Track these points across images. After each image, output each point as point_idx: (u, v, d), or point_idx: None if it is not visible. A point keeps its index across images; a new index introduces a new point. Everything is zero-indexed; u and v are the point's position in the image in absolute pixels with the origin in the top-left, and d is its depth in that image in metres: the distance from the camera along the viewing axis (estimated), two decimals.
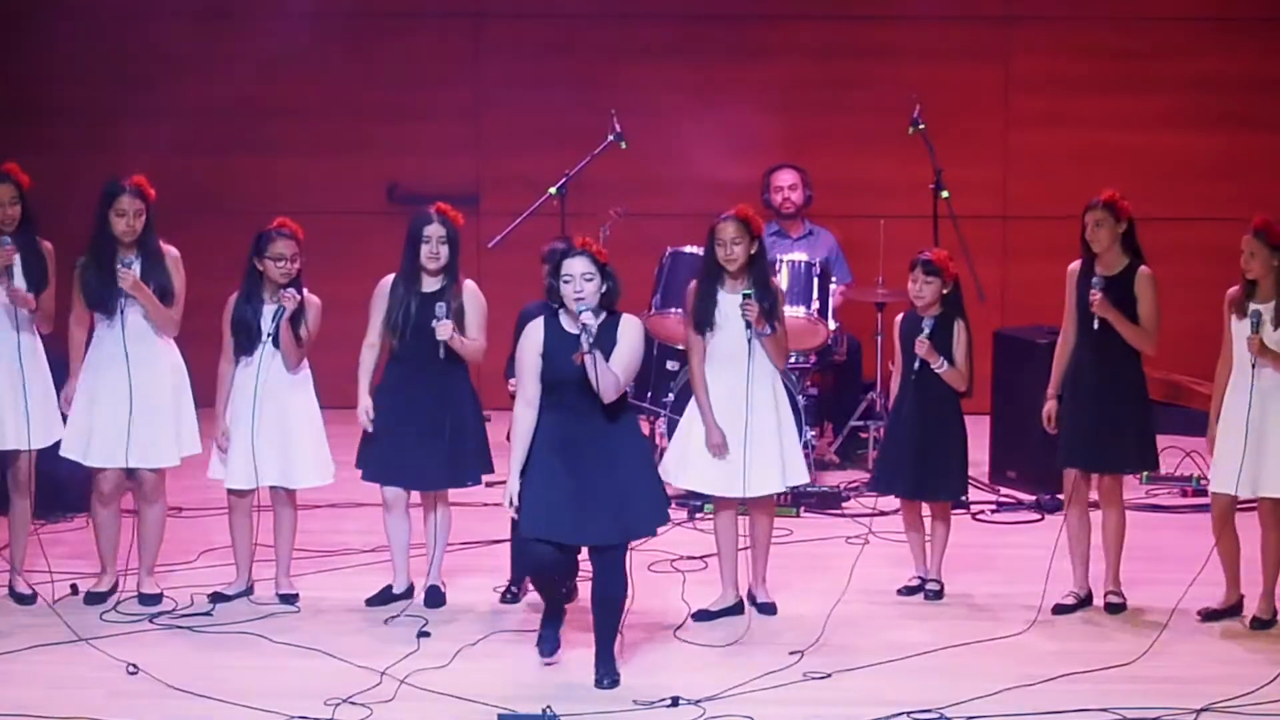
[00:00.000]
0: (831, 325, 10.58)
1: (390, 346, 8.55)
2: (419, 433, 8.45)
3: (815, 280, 10.45)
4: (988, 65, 12.35)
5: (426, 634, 8.27)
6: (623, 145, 11.10)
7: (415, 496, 8.68)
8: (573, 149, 11.22)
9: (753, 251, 8.37)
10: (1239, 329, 8.22)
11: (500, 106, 12.46)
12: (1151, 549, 8.75)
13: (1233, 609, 8.41)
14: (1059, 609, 8.49)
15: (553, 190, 10.93)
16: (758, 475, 8.38)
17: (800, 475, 8.63)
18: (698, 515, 9.93)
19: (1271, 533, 8.29)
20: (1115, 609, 8.54)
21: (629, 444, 7.69)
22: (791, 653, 8.00)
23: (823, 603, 8.64)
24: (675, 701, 7.48)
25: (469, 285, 8.54)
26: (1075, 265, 8.43)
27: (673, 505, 10.09)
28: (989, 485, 10.61)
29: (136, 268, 8.41)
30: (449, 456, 8.45)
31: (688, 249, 10.50)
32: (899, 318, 8.81)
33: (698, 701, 7.47)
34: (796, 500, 10.17)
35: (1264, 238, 8.13)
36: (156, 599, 8.63)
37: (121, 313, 8.41)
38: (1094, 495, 8.63)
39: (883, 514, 9.86)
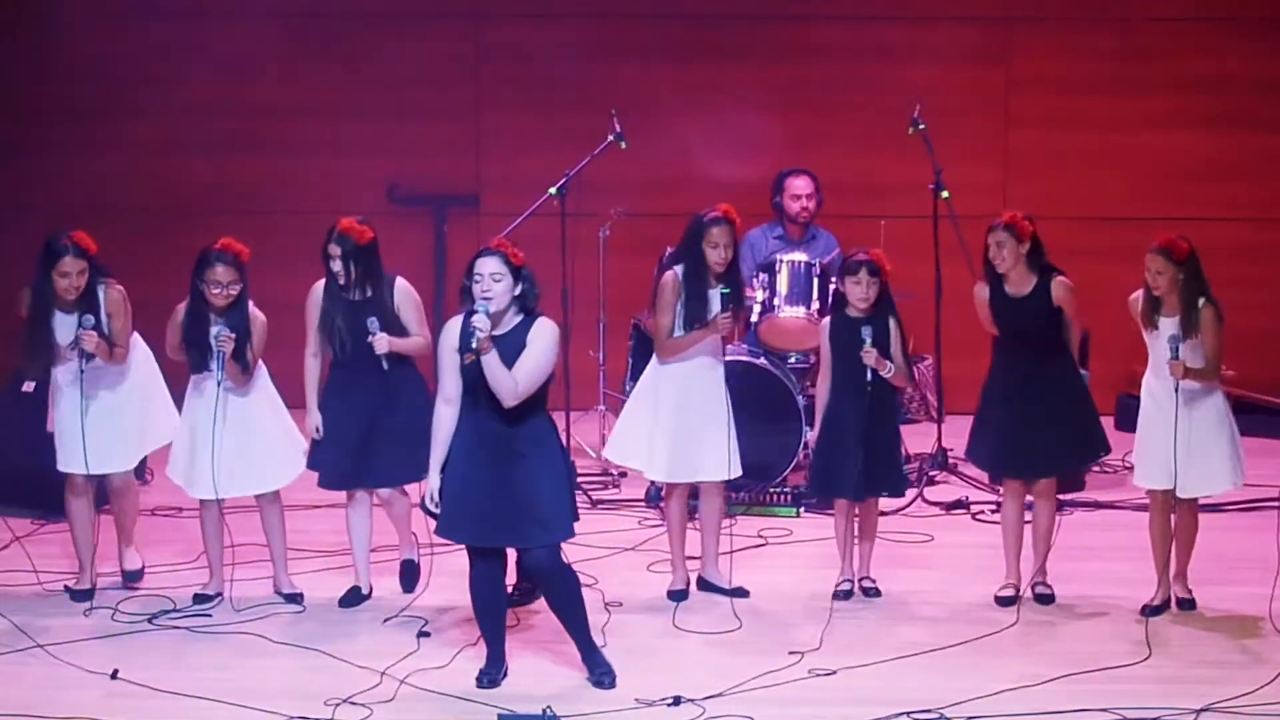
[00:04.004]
0: None
1: (331, 353, 8.57)
2: (369, 433, 8.50)
3: (815, 280, 10.46)
4: (988, 66, 12.35)
5: (426, 634, 8.27)
6: (623, 145, 11.09)
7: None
8: (573, 149, 11.22)
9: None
10: (1153, 340, 8.38)
11: (500, 106, 12.46)
12: (1146, 548, 8.74)
13: (1167, 603, 8.56)
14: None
15: (553, 190, 10.92)
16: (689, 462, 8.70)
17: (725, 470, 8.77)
18: (697, 515, 9.92)
19: (1186, 518, 8.50)
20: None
21: (541, 447, 7.58)
22: (795, 653, 8.01)
23: (822, 603, 8.65)
24: (677, 701, 7.48)
25: (400, 284, 8.55)
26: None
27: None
28: (989, 485, 10.60)
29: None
30: (402, 452, 8.46)
31: None
32: (825, 321, 8.81)
33: (699, 700, 7.47)
34: (796, 500, 10.16)
35: (1169, 255, 8.30)
36: (138, 574, 8.79)
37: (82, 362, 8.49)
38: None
39: (883, 514, 9.84)
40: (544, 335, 7.50)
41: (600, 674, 7.71)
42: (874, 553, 8.91)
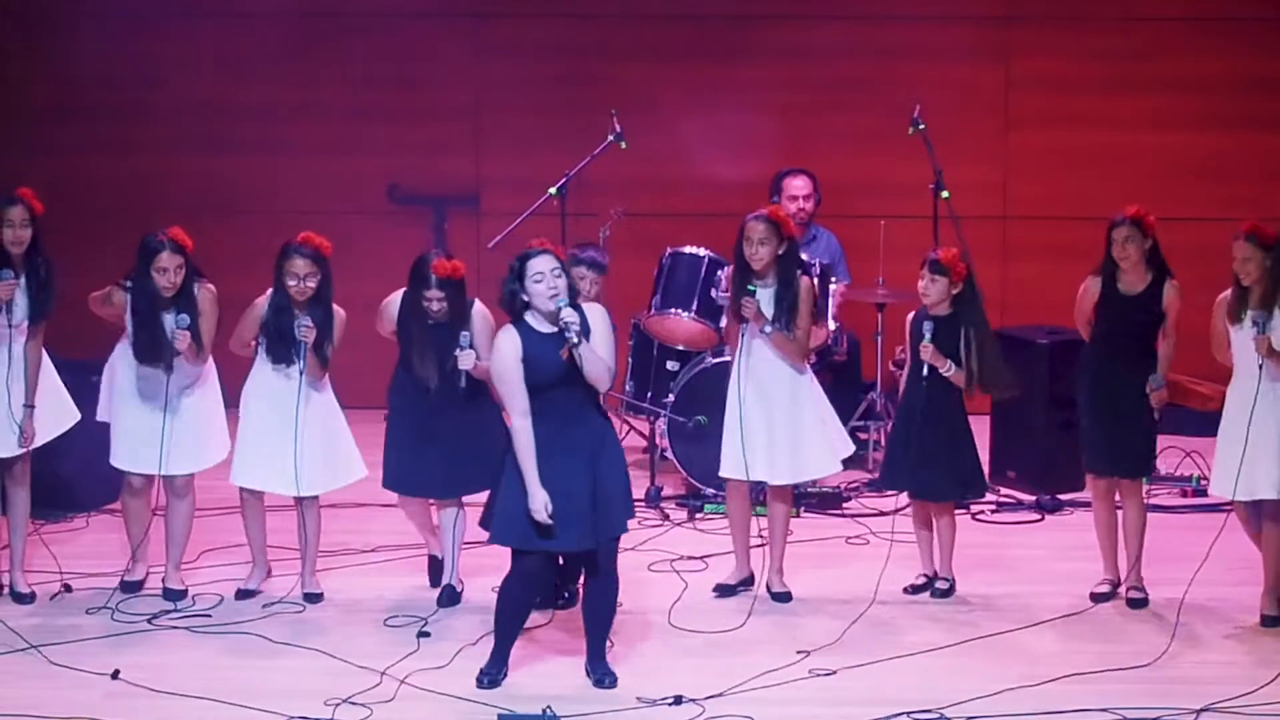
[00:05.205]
0: (831, 325, 10.57)
1: (409, 367, 8.53)
2: (437, 443, 8.47)
3: (815, 280, 10.44)
4: (988, 65, 12.34)
5: (426, 634, 8.27)
6: (623, 145, 11.10)
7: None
8: (573, 149, 11.22)
9: (780, 252, 8.55)
10: (1239, 337, 8.28)
11: (500, 106, 12.46)
12: (1150, 549, 8.74)
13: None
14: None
15: (553, 190, 10.93)
16: (762, 464, 8.65)
17: (818, 470, 8.84)
18: (698, 515, 9.94)
19: (1275, 527, 8.35)
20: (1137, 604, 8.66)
21: (610, 439, 7.65)
22: (799, 652, 8.02)
23: (823, 603, 8.65)
24: (678, 700, 7.48)
25: (478, 307, 8.48)
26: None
27: (675, 504, 10.20)
28: (989, 485, 10.60)
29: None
30: (465, 465, 8.44)
31: (687, 249, 10.49)
32: (910, 315, 8.82)
33: (699, 700, 7.47)
34: (796, 500, 10.16)
35: (1255, 240, 8.21)
36: (181, 594, 8.69)
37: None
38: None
39: (882, 514, 9.86)
40: (599, 314, 7.61)
41: (603, 674, 7.72)
42: (879, 552, 8.89)
